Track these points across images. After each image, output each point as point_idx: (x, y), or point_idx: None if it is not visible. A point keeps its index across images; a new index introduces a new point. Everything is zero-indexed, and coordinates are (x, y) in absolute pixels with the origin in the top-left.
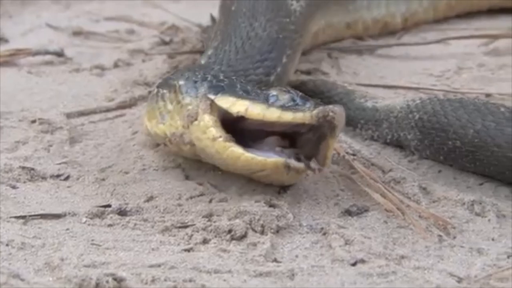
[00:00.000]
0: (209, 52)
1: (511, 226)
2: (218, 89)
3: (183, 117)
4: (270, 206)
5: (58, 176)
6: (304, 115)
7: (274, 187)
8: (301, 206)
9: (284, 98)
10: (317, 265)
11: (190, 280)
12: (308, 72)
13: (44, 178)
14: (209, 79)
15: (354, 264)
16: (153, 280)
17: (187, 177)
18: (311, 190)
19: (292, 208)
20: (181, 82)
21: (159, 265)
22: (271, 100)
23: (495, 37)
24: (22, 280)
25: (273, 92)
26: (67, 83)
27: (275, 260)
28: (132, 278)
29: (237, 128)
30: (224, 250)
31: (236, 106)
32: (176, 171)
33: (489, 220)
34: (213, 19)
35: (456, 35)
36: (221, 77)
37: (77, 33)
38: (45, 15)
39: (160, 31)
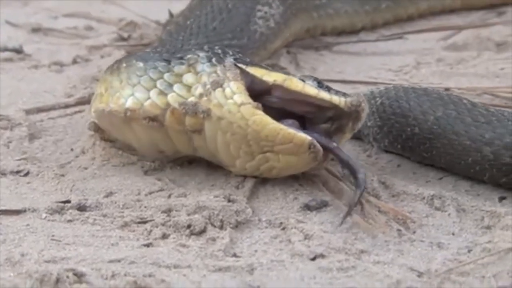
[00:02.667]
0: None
1: (471, 220)
2: (245, 61)
3: (203, 85)
4: (229, 201)
5: (17, 172)
6: (340, 99)
7: (233, 182)
8: (260, 201)
9: (310, 82)
10: (276, 260)
11: (150, 275)
12: None
13: (3, 174)
14: (231, 53)
15: (313, 259)
16: (113, 275)
17: (145, 173)
18: (269, 185)
19: (251, 203)
20: (202, 54)
21: (118, 260)
22: None
23: (453, 28)
24: None
25: (297, 75)
26: (26, 79)
27: (234, 255)
28: (92, 273)
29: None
30: (184, 245)
31: (272, 76)
32: (135, 166)
33: (449, 214)
34: (171, 14)
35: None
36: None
37: (36, 29)
38: (3, 12)
39: (119, 27)
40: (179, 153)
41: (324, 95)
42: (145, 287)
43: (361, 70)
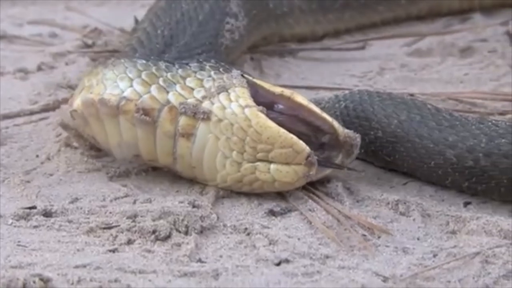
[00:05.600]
0: None
1: (436, 225)
2: (249, 75)
3: (207, 89)
4: (194, 206)
5: None
6: (339, 126)
7: (197, 188)
8: (224, 206)
9: None
10: (241, 265)
11: (116, 281)
12: None
13: None
14: (235, 68)
15: (278, 264)
16: (79, 281)
17: (111, 179)
18: (234, 191)
19: (215, 209)
20: (208, 64)
21: (84, 266)
22: None
23: (417, 34)
24: None
25: None
26: None
27: (199, 260)
28: (58, 279)
29: None
30: (149, 251)
31: (279, 88)
32: (100, 173)
33: (413, 219)
34: (136, 21)
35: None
36: None
37: (1, 37)
38: None
39: (83, 35)
40: (154, 162)
41: (326, 115)
42: None
43: (325, 76)
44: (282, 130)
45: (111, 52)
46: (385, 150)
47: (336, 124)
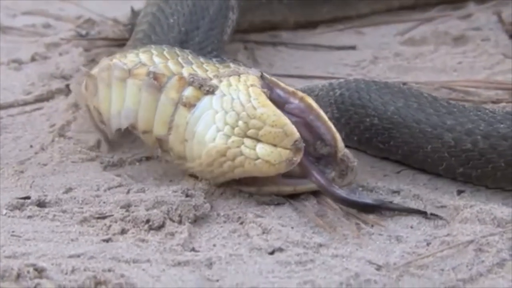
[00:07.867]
0: None
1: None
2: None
3: (221, 72)
4: (187, 196)
5: None
6: (341, 141)
7: (191, 178)
8: (218, 196)
9: None
10: (235, 254)
11: (110, 270)
12: None
13: None
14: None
15: (272, 253)
16: (73, 270)
17: (104, 169)
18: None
19: (209, 198)
20: (229, 59)
21: (78, 256)
22: None
23: (411, 21)
24: None
25: None
26: None
27: (193, 249)
28: (53, 268)
29: None
30: (143, 240)
31: (292, 88)
32: (94, 163)
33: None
34: (133, 11)
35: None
36: None
37: None
38: None
39: (76, 25)
40: (148, 133)
41: (332, 125)
42: (104, 281)
43: (319, 66)
44: (278, 111)
45: (104, 39)
46: (380, 137)
47: (339, 137)
